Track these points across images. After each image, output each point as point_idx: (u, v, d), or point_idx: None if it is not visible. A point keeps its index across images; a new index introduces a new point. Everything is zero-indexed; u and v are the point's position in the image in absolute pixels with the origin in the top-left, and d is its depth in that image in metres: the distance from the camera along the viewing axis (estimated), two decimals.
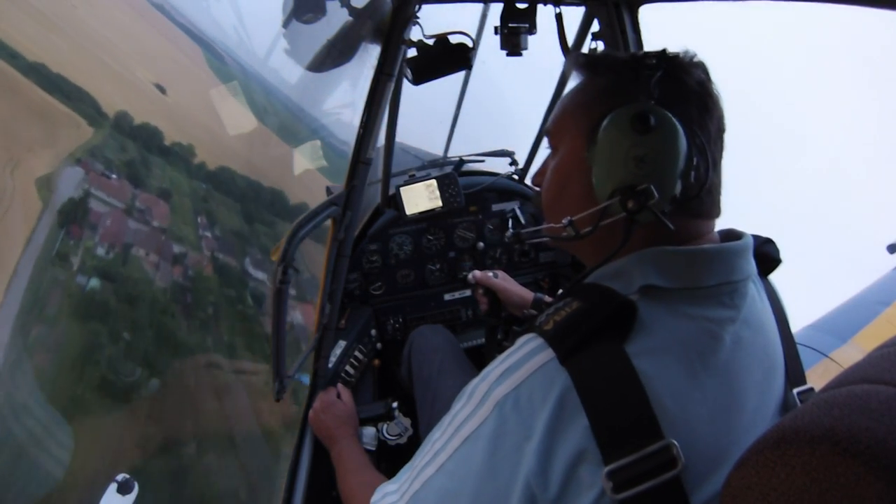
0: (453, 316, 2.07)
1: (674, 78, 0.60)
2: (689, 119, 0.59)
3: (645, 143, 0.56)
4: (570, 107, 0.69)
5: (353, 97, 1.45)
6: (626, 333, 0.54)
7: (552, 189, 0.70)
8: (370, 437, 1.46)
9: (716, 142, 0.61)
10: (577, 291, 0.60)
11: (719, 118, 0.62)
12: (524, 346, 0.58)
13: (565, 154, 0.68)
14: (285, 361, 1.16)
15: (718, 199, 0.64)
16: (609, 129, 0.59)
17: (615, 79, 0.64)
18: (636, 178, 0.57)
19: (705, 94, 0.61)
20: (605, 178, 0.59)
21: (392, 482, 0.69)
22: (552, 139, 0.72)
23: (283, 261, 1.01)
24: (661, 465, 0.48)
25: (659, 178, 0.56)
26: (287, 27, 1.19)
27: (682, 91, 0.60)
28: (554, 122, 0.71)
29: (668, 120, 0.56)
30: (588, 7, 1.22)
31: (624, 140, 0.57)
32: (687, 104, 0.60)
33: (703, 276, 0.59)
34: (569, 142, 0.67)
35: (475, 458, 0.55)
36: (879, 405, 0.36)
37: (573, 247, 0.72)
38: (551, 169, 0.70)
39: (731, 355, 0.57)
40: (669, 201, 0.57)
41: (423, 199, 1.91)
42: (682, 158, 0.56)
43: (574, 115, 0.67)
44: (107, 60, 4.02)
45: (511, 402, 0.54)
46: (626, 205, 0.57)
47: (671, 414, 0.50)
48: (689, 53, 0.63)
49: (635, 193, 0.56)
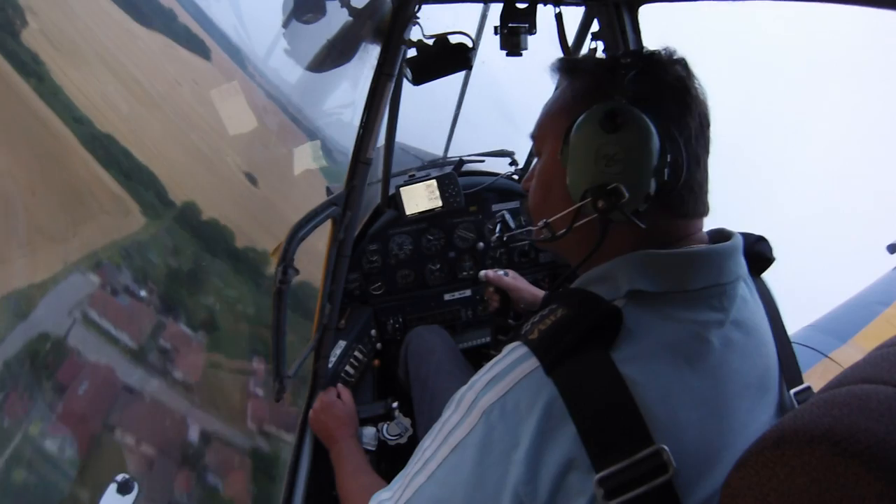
0: (453, 316, 2.07)
1: (650, 75, 0.60)
2: (668, 116, 0.58)
3: (614, 141, 0.56)
4: (550, 111, 0.69)
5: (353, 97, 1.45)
6: (612, 340, 0.54)
7: (537, 193, 0.70)
8: (370, 437, 1.47)
9: (698, 138, 0.60)
10: (562, 298, 0.59)
11: (701, 114, 0.61)
12: (510, 354, 0.58)
13: (546, 158, 0.68)
14: (285, 361, 1.16)
15: (704, 198, 0.64)
16: (579, 129, 0.59)
17: (592, 80, 0.64)
18: (606, 176, 0.56)
19: (683, 90, 0.60)
20: (576, 179, 0.59)
21: (387, 489, 0.69)
22: (536, 144, 0.72)
23: (282, 261, 1.01)
24: (652, 470, 0.48)
25: (630, 177, 0.56)
26: (287, 27, 1.19)
27: (659, 88, 0.59)
28: (537, 127, 0.71)
29: (638, 117, 0.56)
30: (588, 7, 1.22)
31: (593, 139, 0.57)
32: (664, 101, 0.59)
33: (690, 280, 0.58)
34: (549, 145, 0.67)
35: (464, 467, 0.55)
36: (879, 405, 0.36)
37: (558, 249, 0.72)
38: (536, 173, 0.71)
39: (720, 358, 0.57)
40: (644, 199, 0.57)
41: (423, 199, 1.91)
42: (654, 156, 0.56)
43: (553, 119, 0.67)
44: (197, 142, 3.41)
45: (498, 411, 0.54)
46: (596, 204, 0.57)
47: (660, 419, 0.50)
48: (669, 50, 0.63)
49: (605, 193, 0.56)
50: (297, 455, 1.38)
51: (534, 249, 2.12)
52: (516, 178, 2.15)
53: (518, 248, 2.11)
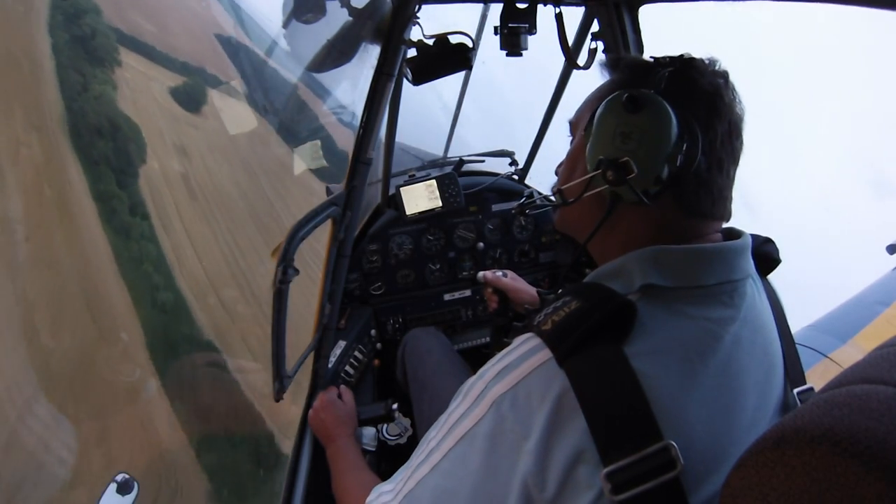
0: (453, 316, 2.07)
1: (685, 76, 0.61)
2: (694, 115, 0.59)
3: (632, 121, 0.59)
4: (589, 99, 0.72)
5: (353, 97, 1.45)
6: (626, 334, 0.54)
7: (564, 173, 0.73)
8: (370, 437, 1.47)
9: (724, 144, 0.61)
10: (576, 291, 0.60)
11: (732, 122, 0.62)
12: (522, 345, 0.58)
13: (577, 141, 0.71)
14: (285, 361, 1.16)
15: (725, 203, 0.64)
16: (604, 108, 0.62)
17: (629, 74, 0.67)
18: (620, 152, 0.59)
19: (715, 95, 0.61)
20: (593, 151, 0.62)
21: (388, 482, 0.69)
22: (572, 130, 0.76)
23: (282, 261, 1.01)
24: (661, 466, 0.48)
25: (641, 155, 0.58)
26: (287, 27, 1.19)
27: (692, 89, 0.61)
28: (576, 114, 0.75)
29: (659, 103, 0.58)
30: (588, 7, 1.22)
31: (614, 117, 0.60)
32: (693, 100, 0.60)
33: (703, 275, 0.59)
34: (580, 130, 0.71)
35: (472, 458, 0.55)
36: (879, 405, 0.36)
37: (570, 222, 0.74)
38: (566, 156, 0.74)
39: (730, 355, 0.57)
40: (653, 181, 0.58)
41: (423, 199, 1.91)
42: (668, 142, 0.57)
43: (589, 105, 0.71)
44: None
45: (509, 401, 0.54)
46: (606, 175, 0.59)
47: (670, 415, 0.50)
48: (712, 59, 0.64)
49: (616, 166, 0.59)
50: (297, 455, 1.38)
51: (534, 249, 2.12)
52: (516, 178, 2.15)
53: (518, 248, 2.11)
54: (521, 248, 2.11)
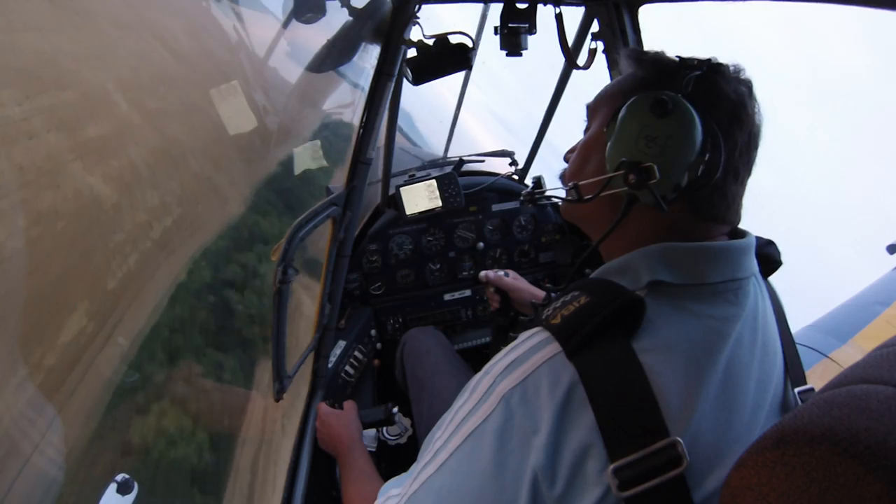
0: (453, 316, 2.07)
1: (711, 82, 0.61)
2: (717, 122, 0.59)
3: (659, 125, 0.58)
4: (610, 89, 0.72)
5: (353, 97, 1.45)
6: (634, 330, 0.54)
7: (576, 163, 0.72)
8: (370, 438, 1.47)
9: (742, 154, 0.62)
10: (585, 286, 0.60)
11: (752, 133, 0.62)
12: (530, 339, 0.58)
13: (594, 130, 0.71)
14: (285, 361, 1.16)
15: (735, 208, 0.65)
16: (629, 108, 0.61)
17: (655, 72, 0.66)
18: (643, 156, 0.58)
19: (739, 105, 0.61)
20: (615, 151, 0.61)
21: (396, 484, 0.69)
22: (588, 117, 0.75)
23: (282, 261, 1.01)
24: (666, 462, 0.48)
25: (665, 162, 0.57)
26: (287, 27, 1.19)
27: (716, 95, 0.61)
28: (594, 101, 0.74)
29: (688, 111, 0.57)
30: (588, 7, 1.22)
31: (640, 119, 0.59)
32: (717, 108, 0.60)
33: (709, 273, 0.59)
34: (599, 119, 0.70)
35: (482, 455, 0.55)
36: (879, 405, 0.36)
37: (581, 218, 0.74)
38: (580, 145, 0.73)
39: (734, 353, 0.57)
40: (672, 189, 0.58)
41: (422, 199, 1.91)
42: (693, 151, 0.57)
43: (609, 97, 0.70)
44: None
45: (518, 396, 0.54)
46: (627, 178, 0.59)
47: (676, 411, 0.50)
48: (738, 67, 0.64)
49: (638, 169, 0.58)
50: (297, 455, 1.38)
51: (534, 249, 2.12)
52: (516, 178, 2.15)
53: (518, 248, 2.11)
54: (521, 247, 2.11)
